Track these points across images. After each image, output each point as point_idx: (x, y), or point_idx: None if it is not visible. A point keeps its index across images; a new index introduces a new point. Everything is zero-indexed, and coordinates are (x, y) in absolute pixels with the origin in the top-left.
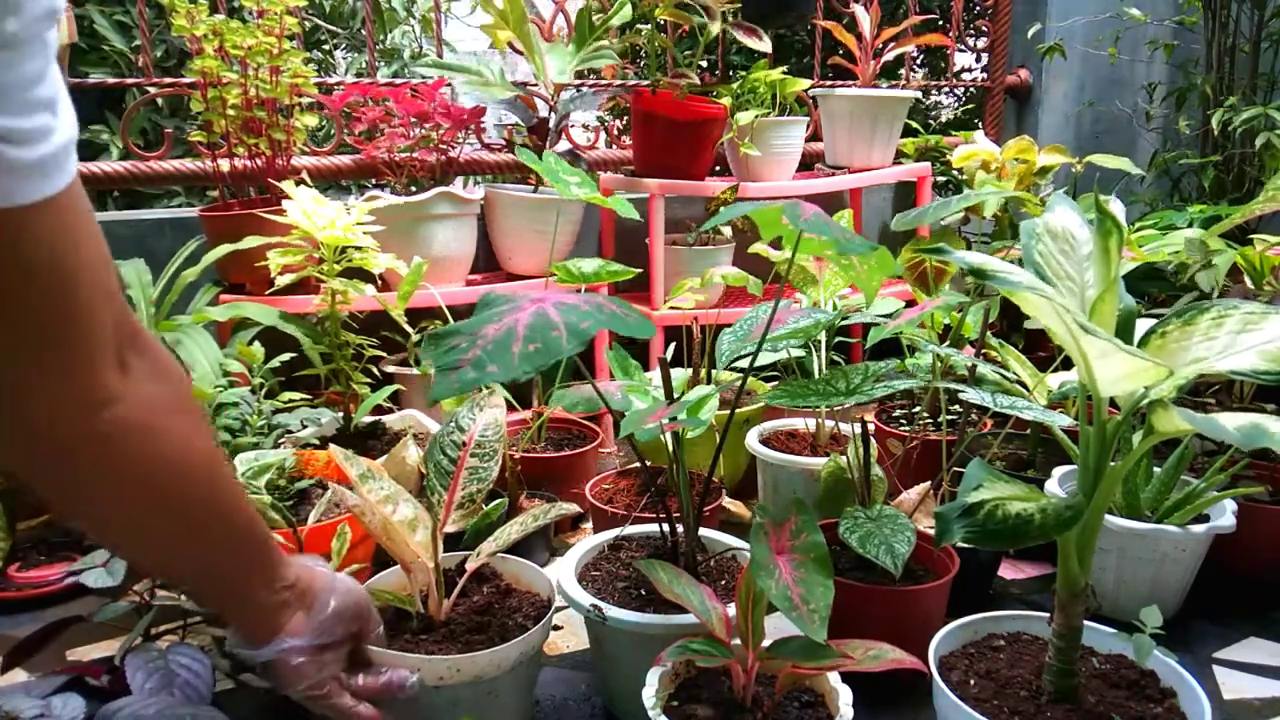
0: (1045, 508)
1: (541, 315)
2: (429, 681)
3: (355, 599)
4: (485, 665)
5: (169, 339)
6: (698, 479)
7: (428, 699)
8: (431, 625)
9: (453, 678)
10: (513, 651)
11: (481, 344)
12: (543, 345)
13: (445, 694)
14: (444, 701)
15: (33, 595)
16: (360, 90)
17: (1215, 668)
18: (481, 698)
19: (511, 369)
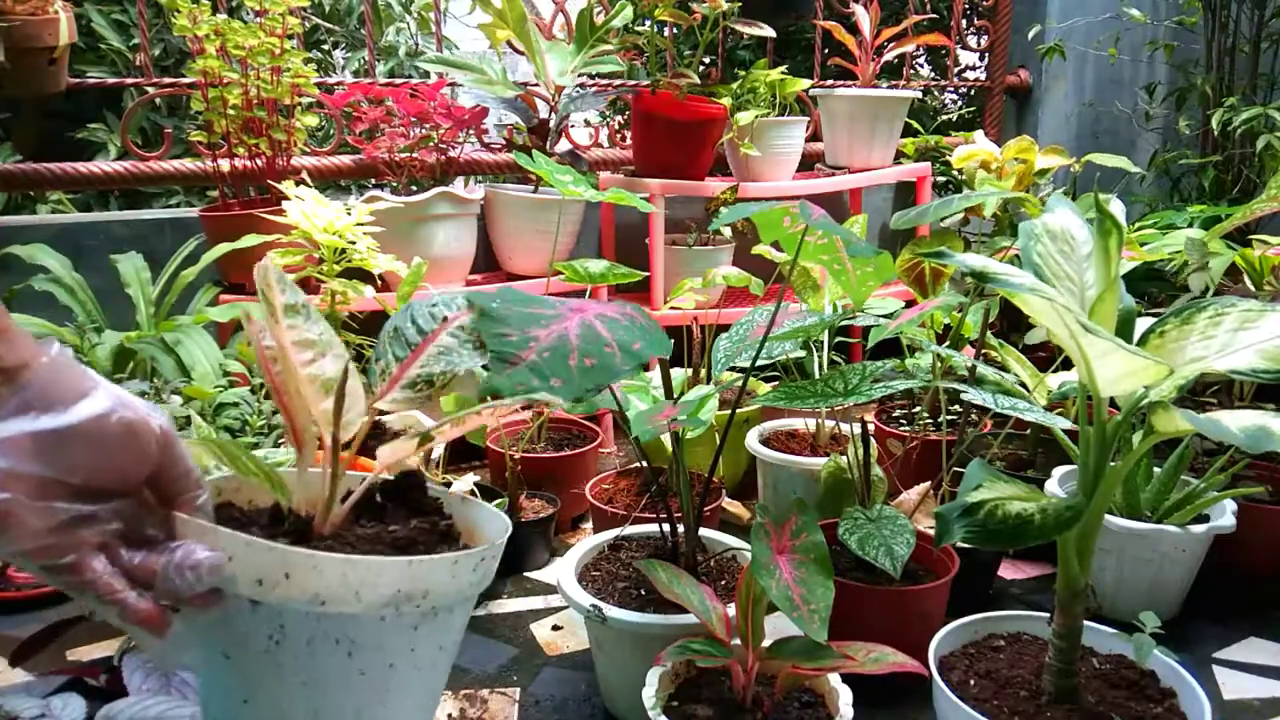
0: (1045, 508)
1: (590, 328)
2: (249, 589)
3: (137, 423)
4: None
5: (169, 339)
6: (698, 479)
7: (246, 622)
8: (307, 536)
9: (279, 587)
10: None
11: (536, 346)
12: (599, 362)
13: (266, 616)
14: (264, 632)
15: (33, 595)
16: (361, 90)
17: (1215, 668)
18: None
19: (574, 385)
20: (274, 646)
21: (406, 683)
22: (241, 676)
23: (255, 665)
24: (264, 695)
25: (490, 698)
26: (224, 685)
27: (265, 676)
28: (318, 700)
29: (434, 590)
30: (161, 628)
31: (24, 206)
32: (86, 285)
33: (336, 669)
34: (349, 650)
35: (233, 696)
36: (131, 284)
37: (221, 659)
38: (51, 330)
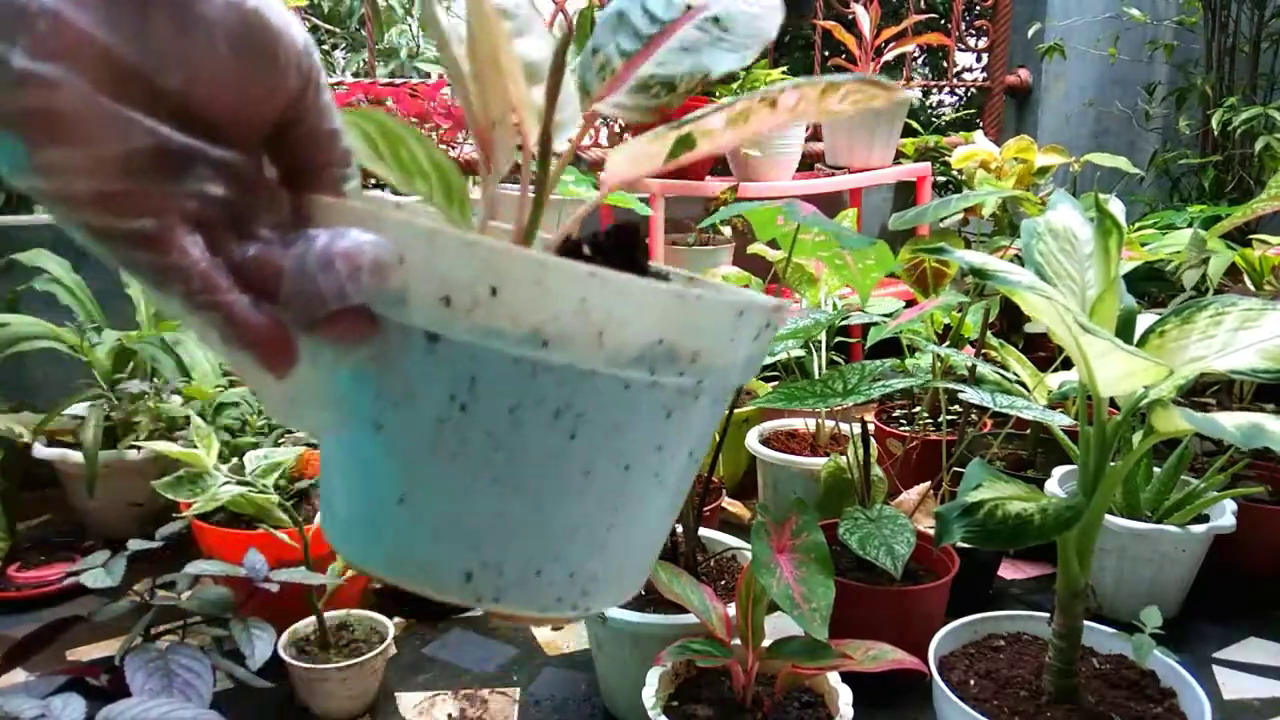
0: (1045, 508)
1: None
2: (429, 312)
3: (277, 28)
4: (605, 306)
5: (169, 339)
6: (698, 479)
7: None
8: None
9: (478, 310)
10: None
11: None
12: None
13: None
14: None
15: (33, 595)
16: (361, 90)
17: (1215, 668)
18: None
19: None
20: (457, 414)
21: (641, 504)
22: (399, 461)
23: (423, 444)
24: (430, 493)
25: (490, 698)
26: (369, 473)
27: (436, 463)
28: (512, 507)
29: (705, 351)
30: (282, 356)
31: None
32: (87, 286)
33: (548, 460)
34: (571, 430)
35: (380, 491)
36: (132, 284)
37: (369, 431)
38: (52, 330)
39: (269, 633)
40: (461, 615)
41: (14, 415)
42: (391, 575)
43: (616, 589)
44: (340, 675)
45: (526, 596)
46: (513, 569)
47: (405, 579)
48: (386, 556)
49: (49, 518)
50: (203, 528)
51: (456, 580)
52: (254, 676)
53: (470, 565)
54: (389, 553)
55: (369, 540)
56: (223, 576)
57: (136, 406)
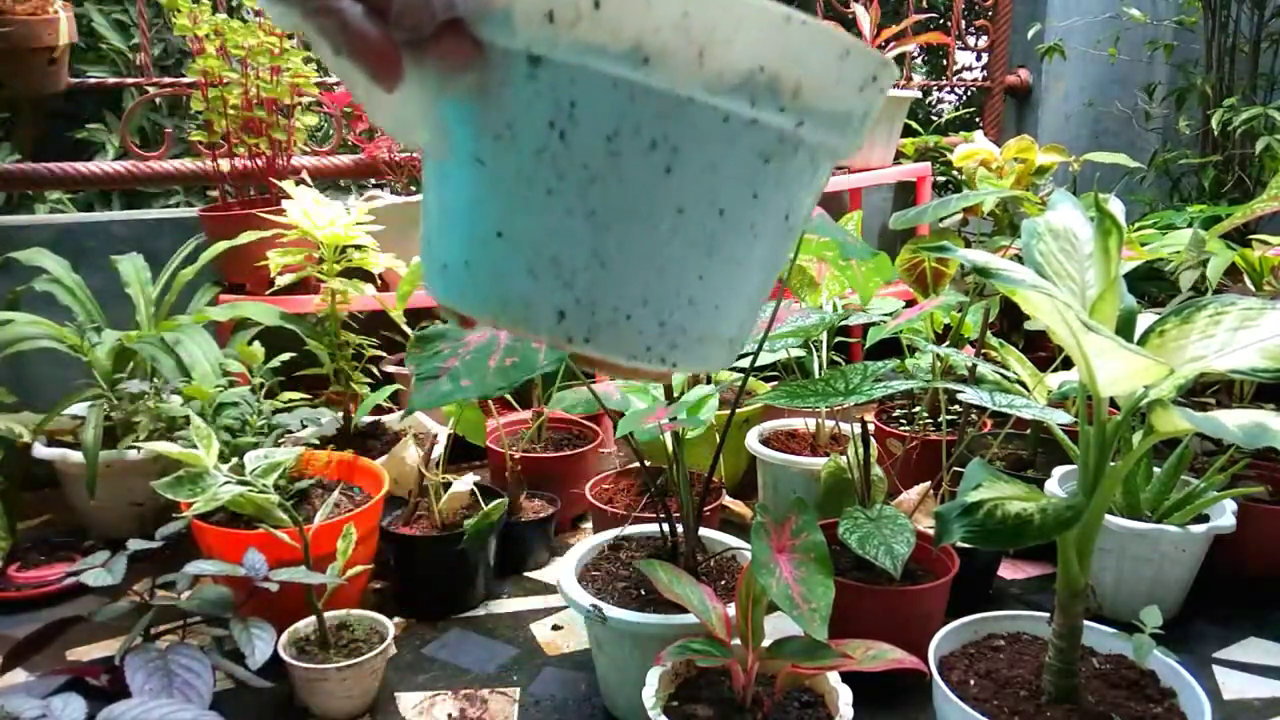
0: (1045, 508)
1: None
2: (532, 31)
3: None
4: (707, 21)
5: (169, 339)
6: (698, 479)
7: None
8: None
9: (581, 25)
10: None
11: (463, 352)
12: (521, 359)
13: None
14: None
15: (33, 595)
16: None
17: (1215, 668)
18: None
19: (485, 384)
20: (556, 142)
21: (732, 258)
22: (498, 195)
23: (521, 177)
24: (527, 227)
25: (490, 698)
26: (469, 209)
27: (534, 197)
28: (606, 244)
29: (808, 88)
30: (390, 68)
31: (23, 206)
32: (86, 285)
33: (642, 194)
34: (667, 163)
35: (479, 227)
36: (131, 284)
37: (470, 166)
38: (52, 330)
39: (269, 632)
40: (461, 615)
41: (14, 415)
42: (489, 313)
43: (702, 350)
44: (340, 675)
45: (616, 340)
46: (604, 309)
47: (502, 317)
48: (483, 294)
49: (49, 518)
50: (202, 527)
51: (550, 318)
52: (254, 676)
53: (564, 303)
54: (486, 290)
55: (467, 279)
56: (222, 576)
57: (136, 406)
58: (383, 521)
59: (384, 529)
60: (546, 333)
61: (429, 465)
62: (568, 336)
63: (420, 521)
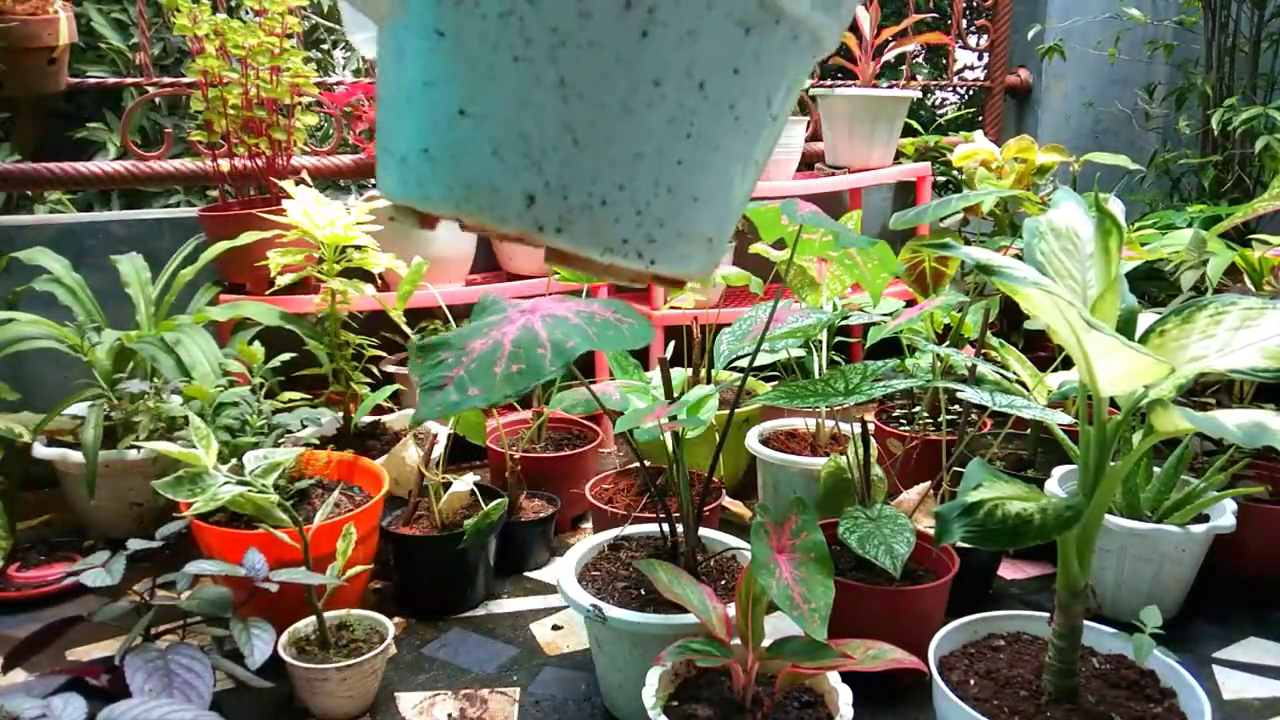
0: (1045, 508)
1: (529, 330)
2: None
3: None
4: None
5: (169, 339)
6: (698, 479)
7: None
8: None
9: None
10: None
11: (467, 361)
12: (527, 366)
13: None
14: None
15: (33, 595)
16: (361, 89)
17: (1215, 668)
18: None
19: (493, 392)
20: (523, 3)
21: (713, 143)
22: (459, 68)
23: (484, 45)
24: (491, 101)
25: (490, 698)
26: (428, 90)
27: (499, 67)
28: (576, 117)
29: None
30: None
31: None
32: (86, 285)
33: (615, 61)
34: (642, 27)
35: (439, 108)
36: (131, 284)
37: (427, 38)
38: (53, 330)
39: (269, 632)
40: (461, 615)
41: (14, 415)
42: (451, 204)
43: (680, 248)
44: (340, 675)
45: (591, 229)
46: (577, 193)
47: (466, 207)
48: (447, 182)
49: (49, 518)
50: (202, 527)
51: (518, 204)
52: (254, 676)
53: (533, 186)
54: (449, 177)
55: (427, 168)
56: (222, 576)
57: (136, 406)
58: (383, 521)
59: (384, 529)
60: (515, 221)
61: (429, 465)
62: (538, 225)
63: (420, 521)
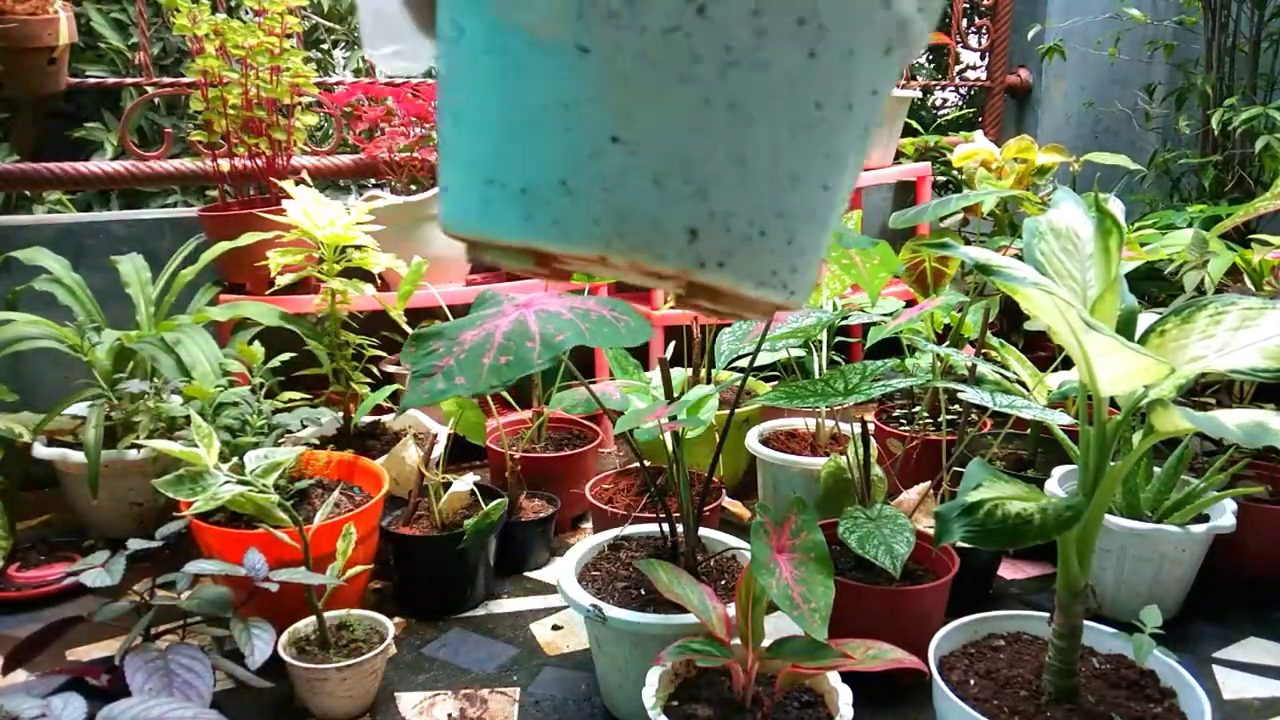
0: (1045, 508)
1: (521, 324)
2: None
3: None
4: None
5: (169, 339)
6: (698, 479)
7: None
8: None
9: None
10: None
11: (457, 351)
12: (515, 358)
13: None
14: None
15: (33, 595)
16: (361, 89)
17: (1215, 668)
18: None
19: (479, 382)
20: (692, 18)
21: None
22: (612, 89)
23: (645, 63)
24: (653, 126)
25: (490, 698)
26: (563, 108)
27: (664, 85)
28: (745, 142)
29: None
30: None
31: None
32: (86, 285)
33: (785, 82)
34: (811, 46)
35: (584, 135)
36: (131, 284)
37: (564, 54)
38: (53, 330)
39: (269, 632)
40: (461, 615)
41: (14, 415)
42: (599, 242)
43: (812, 274)
44: (340, 675)
45: (750, 261)
46: (740, 223)
47: (617, 245)
48: (593, 218)
49: (49, 518)
50: (202, 527)
51: (680, 238)
52: (254, 676)
53: (697, 218)
54: (596, 212)
55: (566, 202)
56: (222, 576)
57: (136, 406)
58: (383, 521)
59: (384, 529)
60: (675, 259)
61: (429, 465)
62: (699, 261)
63: (420, 521)
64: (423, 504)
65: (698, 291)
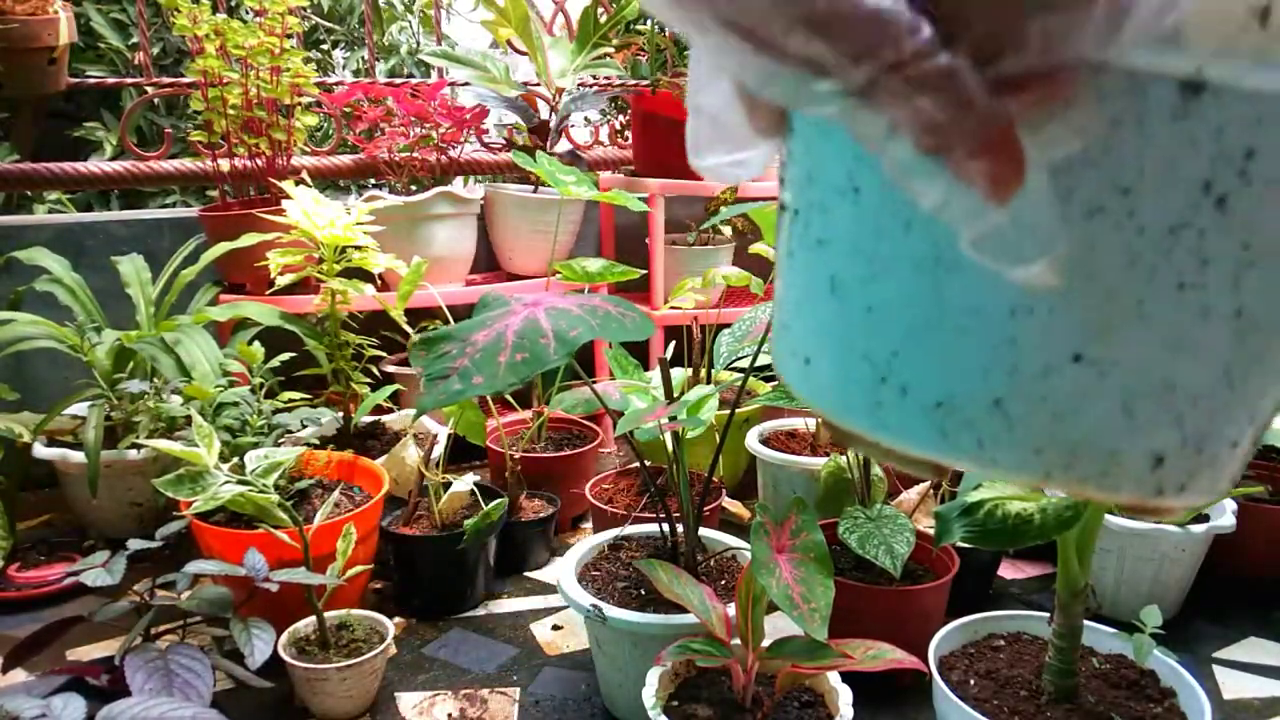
0: (1045, 507)
1: (532, 321)
2: (1196, 48)
3: None
4: None
5: (169, 339)
6: (698, 479)
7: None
8: None
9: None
10: None
11: (470, 352)
12: (530, 355)
13: None
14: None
15: (33, 595)
16: (361, 90)
17: (1215, 668)
18: None
19: (497, 380)
20: (1207, 214)
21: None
22: (1083, 297)
23: (1135, 270)
24: (1133, 344)
25: (490, 698)
26: (1005, 318)
27: (1153, 299)
28: (1242, 354)
29: None
30: (1010, 166)
31: (22, 206)
32: (86, 285)
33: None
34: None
35: (1039, 345)
36: (131, 284)
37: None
38: (53, 330)
39: (269, 632)
40: (461, 615)
41: (14, 415)
42: (1038, 472)
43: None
44: (340, 675)
45: (1211, 479)
46: (1214, 443)
47: (1059, 475)
48: (1033, 445)
49: (49, 518)
50: (202, 527)
51: (1141, 468)
52: (254, 676)
53: (1166, 444)
54: (1040, 439)
55: (1000, 426)
56: (222, 576)
57: (136, 406)
58: (383, 521)
59: (384, 529)
60: (1130, 489)
61: (429, 465)
62: (1158, 489)
63: (420, 521)
64: (423, 504)
65: (1133, 507)
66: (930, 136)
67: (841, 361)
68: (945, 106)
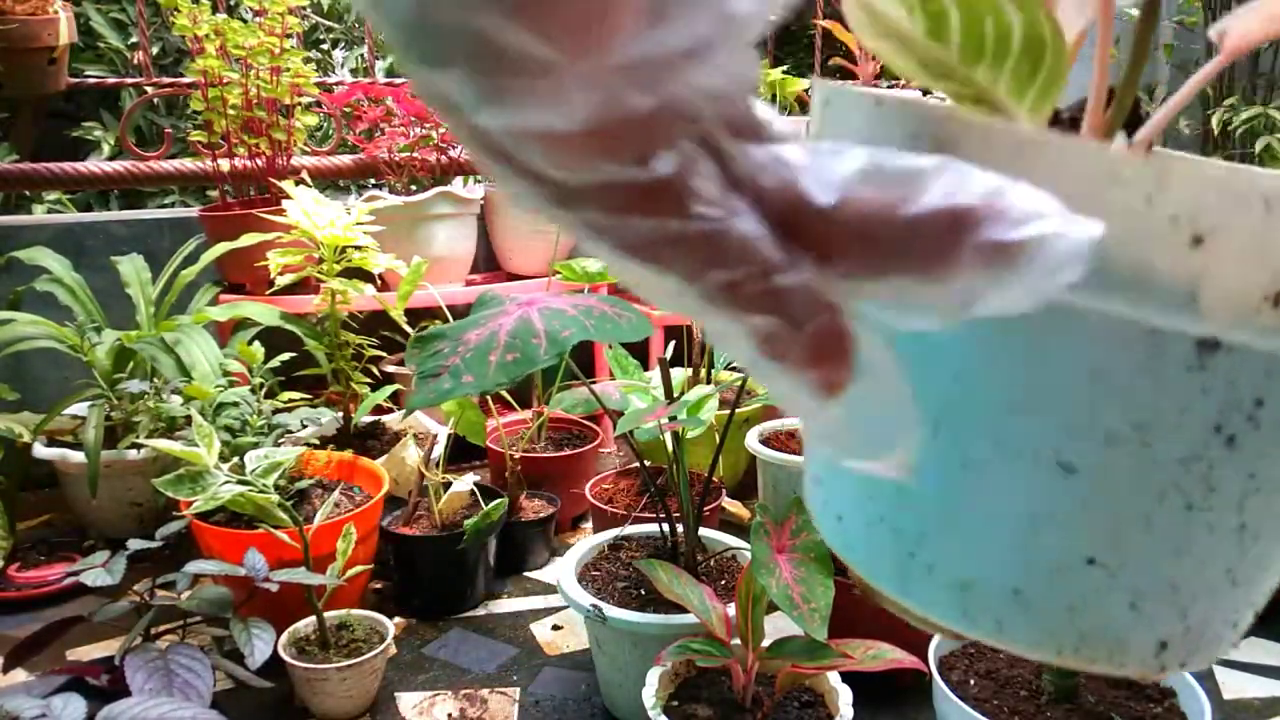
0: None
1: (526, 321)
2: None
3: None
4: None
5: (169, 339)
6: (698, 479)
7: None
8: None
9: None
10: None
11: (463, 351)
12: (522, 355)
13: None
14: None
15: (33, 595)
16: (361, 89)
17: (1215, 668)
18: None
19: (486, 379)
20: (1218, 449)
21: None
22: (1097, 509)
23: (1148, 487)
24: (1140, 552)
25: (490, 698)
26: (1032, 520)
27: (1164, 512)
28: (1244, 559)
29: None
30: (839, 370)
31: (22, 206)
32: (87, 285)
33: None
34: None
35: (1053, 545)
36: (132, 284)
37: (1042, 469)
38: (53, 330)
39: (269, 632)
40: (461, 615)
41: (14, 415)
42: (1050, 651)
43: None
44: (340, 675)
45: (1211, 653)
46: (1215, 626)
47: (1070, 657)
48: (1046, 630)
49: (49, 518)
50: (202, 527)
51: (1146, 652)
52: (254, 676)
53: (1170, 633)
54: (1053, 626)
55: (1017, 612)
56: (222, 576)
57: (136, 406)
58: (383, 521)
59: (384, 529)
60: (1135, 666)
61: (429, 465)
62: (1161, 666)
63: (420, 521)
64: (423, 504)
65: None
66: (766, 346)
67: (872, 530)
68: (777, 324)
